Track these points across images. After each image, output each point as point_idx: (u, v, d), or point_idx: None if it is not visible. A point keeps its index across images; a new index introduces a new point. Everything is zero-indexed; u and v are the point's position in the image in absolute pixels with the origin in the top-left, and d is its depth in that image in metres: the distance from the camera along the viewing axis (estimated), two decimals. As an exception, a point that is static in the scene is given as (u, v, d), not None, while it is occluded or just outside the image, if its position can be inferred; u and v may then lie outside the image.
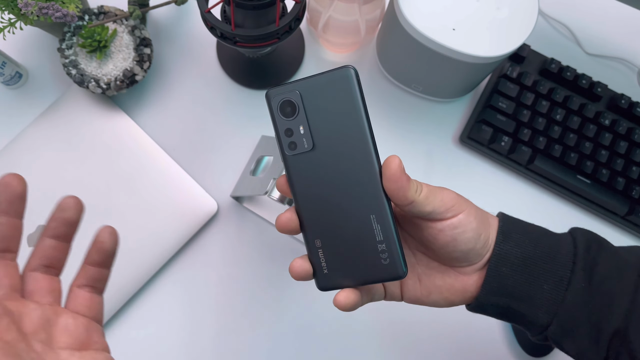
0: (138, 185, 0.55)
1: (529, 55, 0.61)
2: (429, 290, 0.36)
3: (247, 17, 0.46)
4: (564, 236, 0.36)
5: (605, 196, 0.58)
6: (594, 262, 0.34)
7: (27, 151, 0.55)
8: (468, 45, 0.47)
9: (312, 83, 0.30)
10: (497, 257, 0.34)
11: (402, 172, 0.30)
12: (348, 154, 0.30)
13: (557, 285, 0.34)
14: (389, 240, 0.31)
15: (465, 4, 0.48)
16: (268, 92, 0.31)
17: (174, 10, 0.62)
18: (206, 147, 0.58)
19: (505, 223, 0.35)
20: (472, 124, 0.59)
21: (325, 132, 0.31)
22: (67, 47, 0.54)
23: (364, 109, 0.30)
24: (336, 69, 0.30)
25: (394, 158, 0.30)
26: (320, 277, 0.32)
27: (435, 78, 0.55)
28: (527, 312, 0.34)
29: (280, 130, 0.31)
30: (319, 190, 0.31)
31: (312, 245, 0.32)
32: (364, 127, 0.30)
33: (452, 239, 0.32)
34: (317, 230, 0.31)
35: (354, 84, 0.30)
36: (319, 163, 0.31)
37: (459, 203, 0.32)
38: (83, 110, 0.56)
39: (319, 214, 0.31)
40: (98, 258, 0.34)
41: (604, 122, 0.59)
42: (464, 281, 0.35)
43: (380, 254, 0.31)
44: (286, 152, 0.31)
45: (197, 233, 0.56)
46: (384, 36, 0.56)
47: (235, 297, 0.56)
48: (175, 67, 0.60)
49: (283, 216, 0.31)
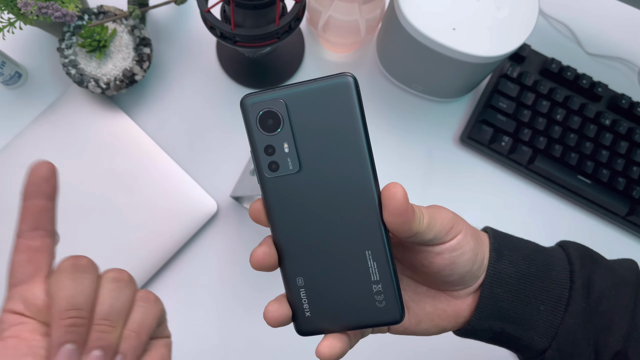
0: (138, 185, 0.55)
1: (529, 55, 0.61)
2: (418, 319, 0.32)
3: (247, 17, 0.46)
4: (556, 251, 0.34)
5: (605, 196, 0.58)
6: (589, 279, 0.32)
7: (27, 151, 0.54)
8: (468, 45, 0.47)
9: (300, 91, 0.25)
10: (491, 277, 0.31)
11: (408, 204, 0.26)
12: (341, 178, 0.26)
13: (555, 306, 0.31)
14: (386, 281, 0.26)
15: (466, 4, 0.48)
16: (244, 99, 0.26)
17: (174, 10, 0.62)
18: (206, 147, 0.58)
19: (497, 239, 0.33)
20: (473, 124, 0.59)
21: (314, 152, 0.26)
22: (67, 46, 0.54)
23: (362, 126, 0.25)
24: (332, 76, 0.25)
25: (397, 187, 0.25)
26: (301, 321, 0.27)
27: (435, 78, 0.55)
28: (522, 336, 0.32)
29: (258, 147, 0.26)
30: (304, 221, 0.26)
31: (293, 284, 0.27)
32: (362, 148, 0.25)
33: (450, 262, 0.29)
34: (299, 267, 0.27)
35: (352, 96, 0.25)
36: (305, 188, 0.26)
37: (457, 223, 0.29)
38: (82, 110, 0.56)
39: (303, 248, 0.27)
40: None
41: (604, 122, 0.59)
42: (456, 306, 0.32)
43: (375, 296, 0.27)
44: (265, 173, 0.26)
45: (197, 233, 0.56)
46: (384, 36, 0.56)
47: (235, 297, 0.55)
48: (175, 66, 0.60)
49: (258, 250, 0.27)
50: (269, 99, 0.25)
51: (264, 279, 0.56)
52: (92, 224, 0.54)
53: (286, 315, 0.27)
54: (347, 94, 0.25)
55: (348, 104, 0.25)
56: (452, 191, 0.59)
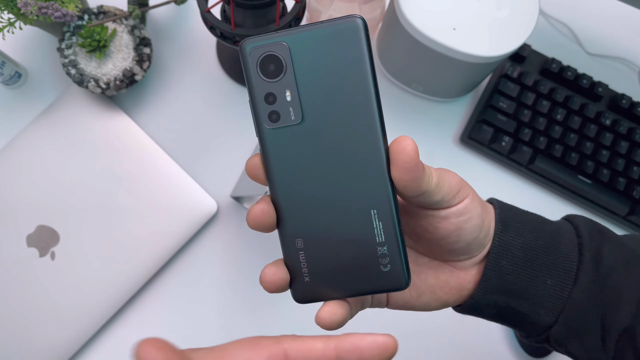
0: (138, 185, 0.55)
1: (529, 55, 0.61)
2: (419, 291, 0.31)
3: (247, 17, 0.46)
4: (564, 224, 0.32)
5: (606, 196, 0.58)
6: (598, 253, 0.31)
7: (27, 151, 0.54)
8: (469, 45, 0.47)
9: (305, 35, 0.23)
10: (497, 248, 0.30)
11: (419, 160, 0.24)
12: (346, 130, 0.24)
13: (563, 279, 0.30)
14: (392, 243, 0.25)
15: (466, 4, 0.48)
16: (244, 42, 0.24)
17: (174, 9, 0.62)
18: (206, 147, 0.58)
19: (503, 210, 0.31)
20: (473, 124, 0.59)
21: (318, 101, 0.24)
22: (67, 46, 0.54)
23: (372, 74, 0.23)
24: (339, 18, 0.23)
25: (407, 140, 0.24)
26: (299, 286, 0.26)
27: (435, 78, 0.55)
28: (528, 312, 0.30)
29: (257, 95, 0.24)
30: (305, 176, 0.24)
31: (291, 245, 0.25)
32: (370, 98, 0.24)
33: (457, 228, 0.28)
34: (299, 227, 0.25)
35: (361, 40, 0.23)
36: (307, 141, 0.24)
37: (464, 187, 0.28)
38: (82, 110, 0.56)
39: (303, 207, 0.25)
40: None
41: (604, 122, 0.59)
42: (460, 277, 0.31)
43: (380, 259, 0.25)
44: (264, 124, 0.24)
45: (197, 233, 0.56)
46: (384, 36, 0.56)
47: (235, 297, 0.55)
48: (175, 66, 0.60)
49: (256, 208, 0.25)
50: (271, 42, 0.23)
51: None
52: (92, 224, 0.54)
53: (284, 280, 0.25)
54: (355, 38, 0.23)
55: (356, 50, 0.23)
56: (452, 191, 0.59)
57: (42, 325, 0.52)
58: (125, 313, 0.54)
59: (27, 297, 0.52)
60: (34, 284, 0.52)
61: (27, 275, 0.52)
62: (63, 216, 0.53)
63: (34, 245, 0.53)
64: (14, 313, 0.52)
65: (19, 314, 0.52)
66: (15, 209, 0.53)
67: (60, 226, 0.53)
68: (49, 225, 0.53)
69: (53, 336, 0.51)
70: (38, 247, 0.53)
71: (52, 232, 0.53)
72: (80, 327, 0.52)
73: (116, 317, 0.54)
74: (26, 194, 0.53)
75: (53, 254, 0.53)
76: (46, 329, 0.51)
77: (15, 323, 0.51)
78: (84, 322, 0.52)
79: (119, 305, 0.53)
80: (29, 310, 0.52)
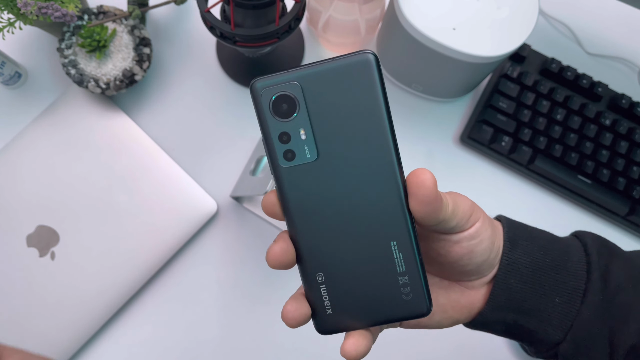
0: (138, 186, 0.55)
1: (529, 55, 0.61)
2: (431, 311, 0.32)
3: (247, 17, 0.46)
4: (572, 241, 0.33)
5: (606, 196, 0.58)
6: (606, 271, 0.31)
7: (26, 151, 0.54)
8: (468, 45, 0.47)
9: (316, 72, 0.23)
10: (505, 267, 0.30)
11: (438, 192, 0.24)
12: (362, 165, 0.24)
13: (571, 298, 0.30)
14: (413, 272, 0.25)
15: (466, 4, 0.48)
16: (255, 84, 0.24)
17: (174, 10, 0.62)
18: (206, 147, 0.58)
19: (511, 228, 0.32)
20: (473, 124, 0.59)
21: (333, 138, 0.24)
22: (67, 46, 0.54)
23: (385, 108, 0.24)
24: (350, 54, 0.23)
25: (426, 174, 0.24)
26: (322, 319, 0.26)
27: (435, 78, 0.55)
28: (536, 328, 0.31)
29: (272, 135, 0.24)
30: (323, 213, 0.25)
31: (312, 280, 0.26)
32: (384, 131, 0.24)
33: (469, 251, 0.28)
34: (319, 262, 0.25)
35: (373, 75, 0.23)
36: (323, 177, 0.24)
37: (475, 210, 0.28)
38: (82, 110, 0.56)
39: (323, 242, 0.25)
40: None
41: (604, 122, 0.59)
42: (470, 296, 0.31)
43: (402, 288, 0.25)
44: (280, 163, 0.24)
45: (197, 233, 0.56)
46: (384, 36, 0.56)
47: (235, 297, 0.55)
48: (174, 67, 0.60)
49: (276, 247, 0.25)
50: (283, 81, 0.24)
51: (265, 278, 0.56)
52: (92, 224, 0.54)
53: (306, 315, 0.26)
54: (367, 73, 0.23)
55: (369, 85, 0.23)
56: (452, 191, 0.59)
57: (42, 325, 0.52)
58: (125, 313, 0.54)
59: (27, 297, 0.52)
60: (34, 284, 0.52)
61: (27, 275, 0.52)
62: (63, 216, 0.53)
63: (34, 245, 0.53)
64: (14, 313, 0.52)
65: (19, 314, 0.52)
66: (15, 209, 0.53)
67: (60, 226, 0.53)
68: (49, 225, 0.53)
69: (53, 336, 0.51)
70: (38, 247, 0.53)
71: (52, 232, 0.53)
72: (80, 327, 0.52)
73: (116, 317, 0.54)
74: (26, 194, 0.54)
75: (53, 254, 0.53)
76: (46, 329, 0.51)
77: (15, 323, 0.51)
78: (83, 322, 0.52)
79: (118, 305, 0.53)
80: (29, 310, 0.52)
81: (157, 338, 0.54)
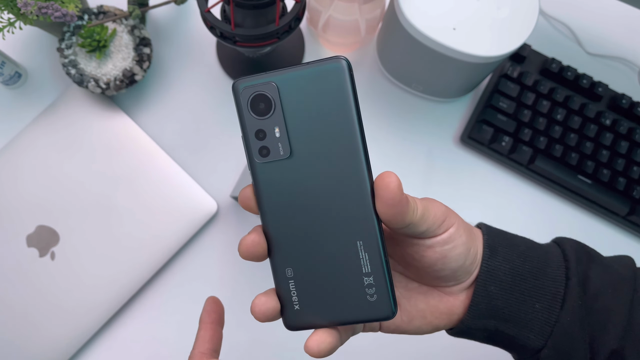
0: (138, 186, 0.55)
1: (529, 55, 0.61)
2: (410, 316, 0.31)
3: (247, 17, 0.46)
4: (552, 248, 0.33)
5: (606, 196, 0.58)
6: (585, 276, 0.32)
7: (26, 151, 0.54)
8: (469, 45, 0.47)
9: (292, 75, 0.25)
10: (485, 274, 0.31)
11: (402, 194, 0.25)
12: (333, 165, 0.25)
13: (551, 304, 0.31)
14: (378, 273, 0.25)
15: (466, 4, 0.48)
16: (236, 83, 0.25)
17: (174, 9, 0.62)
18: (206, 146, 0.58)
19: (490, 236, 0.32)
20: (473, 124, 0.59)
21: (305, 137, 0.25)
22: (67, 46, 0.54)
23: (356, 112, 0.25)
24: (324, 59, 0.25)
25: (391, 176, 0.25)
26: (290, 315, 0.27)
27: (435, 78, 0.55)
28: (517, 335, 0.31)
29: (249, 132, 0.26)
30: (294, 208, 0.26)
31: (282, 275, 0.26)
32: (354, 134, 0.25)
33: (442, 256, 0.29)
34: (289, 257, 0.26)
35: (345, 81, 0.24)
36: (295, 174, 0.25)
37: (449, 216, 0.29)
38: (82, 110, 0.56)
39: (293, 238, 0.26)
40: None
41: (604, 122, 0.59)
42: (449, 302, 0.31)
43: (366, 289, 0.26)
44: (255, 158, 0.26)
45: (197, 233, 0.56)
46: (384, 36, 0.56)
47: (235, 297, 0.55)
48: (174, 66, 0.60)
49: (247, 239, 0.26)
50: (261, 82, 0.25)
51: (265, 278, 0.56)
52: (92, 224, 0.54)
53: (274, 309, 0.26)
54: (340, 78, 0.24)
55: (341, 89, 0.24)
56: (452, 191, 0.59)
57: (42, 325, 0.52)
58: (125, 313, 0.54)
59: (27, 297, 0.52)
60: (34, 284, 0.52)
61: (27, 275, 0.52)
62: (63, 216, 0.53)
63: (34, 245, 0.53)
64: (14, 313, 0.52)
65: (19, 314, 0.52)
66: (15, 209, 0.53)
67: (60, 226, 0.53)
68: (49, 225, 0.53)
69: (53, 336, 0.51)
70: (38, 247, 0.53)
71: (52, 232, 0.53)
72: (80, 327, 0.52)
73: (116, 317, 0.54)
74: (26, 194, 0.54)
75: (53, 254, 0.53)
76: (46, 329, 0.51)
77: (15, 323, 0.51)
78: (84, 321, 0.52)
79: (119, 305, 0.53)
80: (29, 310, 0.52)
81: (157, 338, 0.54)
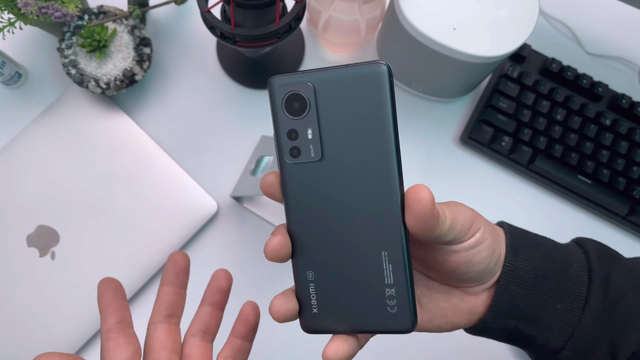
0: (138, 186, 0.55)
1: (529, 55, 0.61)
2: (431, 315, 0.31)
3: (247, 17, 0.46)
4: (574, 248, 0.33)
5: (606, 196, 0.58)
6: (607, 278, 0.31)
7: (27, 151, 0.54)
8: (469, 45, 0.47)
9: (330, 76, 0.24)
10: (507, 274, 0.30)
11: (434, 209, 0.24)
12: (364, 171, 0.24)
13: (573, 305, 0.30)
14: (401, 286, 0.25)
15: (466, 4, 0.48)
16: (272, 79, 0.25)
17: (174, 10, 0.62)
18: (206, 147, 0.58)
19: (513, 235, 0.32)
20: (473, 124, 0.59)
21: (339, 141, 0.24)
22: (67, 46, 0.54)
23: (392, 120, 0.24)
24: (365, 63, 0.24)
25: (424, 190, 0.24)
26: (308, 317, 0.26)
27: (435, 78, 0.55)
28: (537, 335, 0.31)
29: (281, 131, 0.25)
30: (321, 212, 0.25)
31: (303, 277, 0.26)
32: (389, 142, 0.24)
33: (467, 260, 0.28)
34: (311, 260, 0.26)
35: (384, 86, 0.24)
36: (325, 177, 0.25)
37: (475, 221, 0.28)
38: (83, 110, 0.56)
39: (317, 241, 0.25)
40: (243, 331, 0.35)
41: (604, 122, 0.59)
42: (470, 302, 0.31)
43: (387, 300, 0.25)
44: (286, 158, 0.25)
45: (197, 233, 0.56)
46: (385, 36, 0.56)
47: (235, 297, 0.55)
48: (175, 66, 0.60)
49: (274, 240, 0.25)
50: (298, 81, 0.24)
51: (265, 278, 0.56)
52: (92, 224, 0.54)
53: (293, 310, 0.26)
54: (379, 83, 0.24)
55: (379, 95, 0.24)
56: (452, 191, 0.59)
57: (42, 325, 0.52)
58: (126, 313, 0.54)
59: (27, 297, 0.52)
60: (34, 284, 0.52)
61: (27, 275, 0.52)
62: (63, 216, 0.53)
63: (34, 245, 0.53)
64: (14, 313, 0.52)
65: (19, 314, 0.52)
66: (15, 209, 0.53)
67: (60, 226, 0.53)
68: (49, 225, 0.53)
69: (53, 336, 0.51)
70: (38, 247, 0.53)
71: (52, 232, 0.53)
72: (80, 327, 0.52)
73: (116, 317, 0.54)
74: (26, 194, 0.54)
75: (53, 254, 0.53)
76: (46, 329, 0.51)
77: (15, 323, 0.51)
78: (83, 321, 0.52)
79: (119, 305, 0.53)
80: (29, 310, 0.52)
81: (157, 338, 0.54)
